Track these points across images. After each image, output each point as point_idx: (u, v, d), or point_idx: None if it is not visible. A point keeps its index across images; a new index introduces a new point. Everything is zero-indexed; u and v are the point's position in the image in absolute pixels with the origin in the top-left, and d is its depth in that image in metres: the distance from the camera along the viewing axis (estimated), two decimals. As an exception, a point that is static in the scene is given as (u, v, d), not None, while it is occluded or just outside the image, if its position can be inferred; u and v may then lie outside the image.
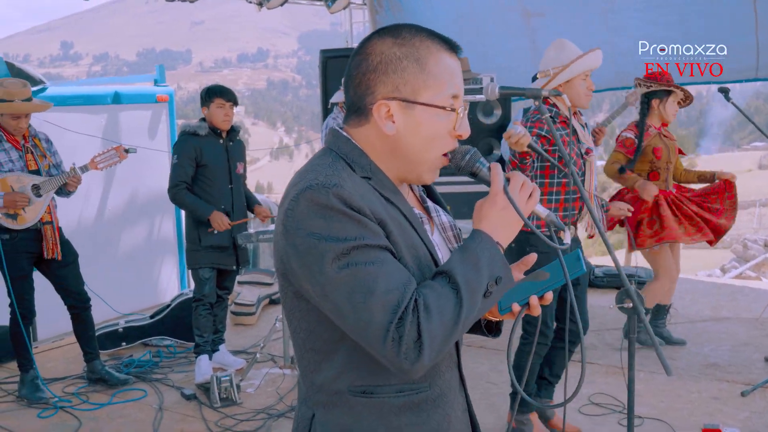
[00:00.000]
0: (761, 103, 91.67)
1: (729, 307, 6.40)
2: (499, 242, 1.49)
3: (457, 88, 1.54)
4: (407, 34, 1.52)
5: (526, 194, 1.53)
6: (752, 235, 26.82)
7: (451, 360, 1.60)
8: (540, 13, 7.91)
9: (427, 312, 1.36)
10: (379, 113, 1.50)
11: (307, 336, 1.53)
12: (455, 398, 1.61)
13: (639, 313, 2.55)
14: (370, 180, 1.50)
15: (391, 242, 1.44)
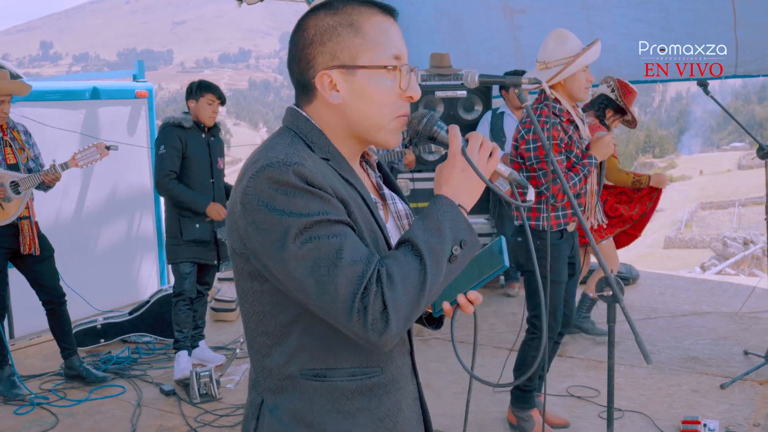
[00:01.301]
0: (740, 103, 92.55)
1: (709, 302, 6.43)
2: (462, 205, 1.45)
3: (397, 48, 1.52)
4: (339, 3, 1.51)
5: (486, 154, 1.50)
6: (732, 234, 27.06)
7: (403, 347, 1.59)
8: (521, 9, 7.93)
9: (390, 281, 1.35)
10: (322, 84, 1.49)
11: (259, 319, 1.51)
12: (407, 385, 1.60)
13: (619, 301, 2.54)
14: (329, 161, 1.49)
15: (352, 220, 1.43)
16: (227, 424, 4.22)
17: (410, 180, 6.75)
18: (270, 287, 1.46)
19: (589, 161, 3.70)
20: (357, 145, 1.57)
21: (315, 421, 1.50)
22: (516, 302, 6.47)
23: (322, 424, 1.50)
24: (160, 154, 4.85)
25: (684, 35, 7.05)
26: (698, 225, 50.79)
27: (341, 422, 1.50)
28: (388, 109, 1.51)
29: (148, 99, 6.95)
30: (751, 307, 6.06)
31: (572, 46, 3.67)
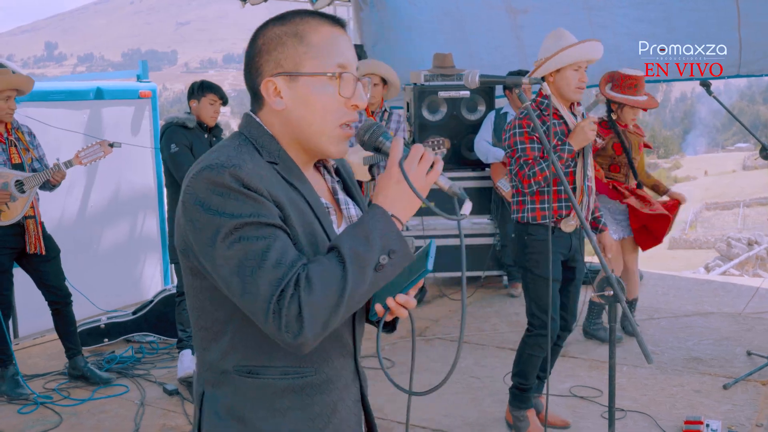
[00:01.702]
0: (745, 104, 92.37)
1: (712, 303, 6.43)
2: (396, 215, 1.47)
3: (343, 56, 1.56)
4: (290, 15, 1.58)
5: (426, 166, 1.50)
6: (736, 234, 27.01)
7: (344, 348, 1.62)
8: (524, 9, 7.93)
9: (309, 285, 1.38)
10: (266, 90, 1.55)
11: (199, 315, 1.56)
12: (346, 387, 1.64)
13: (620, 301, 2.55)
14: (277, 165, 1.53)
15: (288, 225, 1.47)
16: (230, 424, 4.23)
17: (413, 180, 6.75)
18: (208, 284, 1.51)
19: (561, 147, 3.67)
20: (305, 152, 1.60)
21: (246, 416, 1.54)
22: (519, 302, 6.47)
23: (253, 419, 1.54)
24: (174, 152, 4.80)
25: (686, 35, 7.05)
26: (703, 226, 50.69)
27: (271, 419, 1.54)
28: (330, 116, 1.55)
29: (151, 99, 6.96)
30: (754, 307, 6.05)
31: (564, 42, 3.67)
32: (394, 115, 5.96)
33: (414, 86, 6.82)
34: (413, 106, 6.78)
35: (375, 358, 5.20)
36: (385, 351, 5.37)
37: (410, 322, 1.62)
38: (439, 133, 6.83)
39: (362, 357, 4.96)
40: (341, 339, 1.61)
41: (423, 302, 6.61)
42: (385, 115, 5.94)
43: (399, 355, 5.26)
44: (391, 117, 5.94)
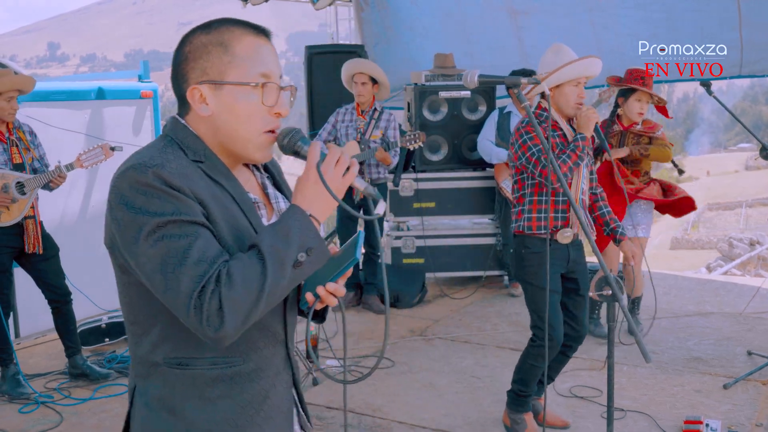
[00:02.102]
0: (748, 104, 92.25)
1: (713, 303, 6.43)
2: (314, 215, 1.55)
3: (267, 66, 1.63)
4: (215, 24, 1.65)
5: (342, 169, 1.58)
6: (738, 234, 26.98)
7: (273, 337, 1.68)
8: (525, 11, 7.93)
9: (229, 281, 1.44)
10: (192, 97, 1.61)
11: (129, 310, 1.62)
12: (277, 375, 1.70)
13: (618, 300, 2.55)
14: (202, 164, 1.59)
15: (211, 221, 1.53)
16: (230, 423, 4.23)
17: (414, 180, 6.77)
18: (135, 280, 1.57)
19: (575, 138, 3.70)
20: (231, 155, 1.66)
21: (177, 407, 1.60)
22: (519, 302, 6.47)
23: (184, 410, 1.60)
24: None
25: (688, 36, 7.06)
26: (705, 226, 50.59)
27: (202, 408, 1.60)
28: (254, 124, 1.62)
29: (153, 99, 6.97)
30: (755, 307, 6.05)
31: (563, 57, 3.67)
32: (385, 113, 6.02)
33: (415, 86, 6.83)
34: (414, 106, 6.78)
35: (377, 358, 5.21)
36: (385, 351, 5.38)
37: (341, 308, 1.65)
38: (440, 133, 6.84)
39: (363, 357, 4.97)
40: (270, 328, 1.67)
41: (424, 302, 6.62)
42: (375, 114, 5.99)
43: (399, 355, 5.28)
44: (381, 116, 5.99)
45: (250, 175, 1.75)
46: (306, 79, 7.30)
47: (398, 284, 6.52)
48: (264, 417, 1.66)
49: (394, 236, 6.84)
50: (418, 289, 6.60)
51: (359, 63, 5.98)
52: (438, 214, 6.90)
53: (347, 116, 6.09)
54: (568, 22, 7.55)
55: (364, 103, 5.97)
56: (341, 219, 6.35)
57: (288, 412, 1.75)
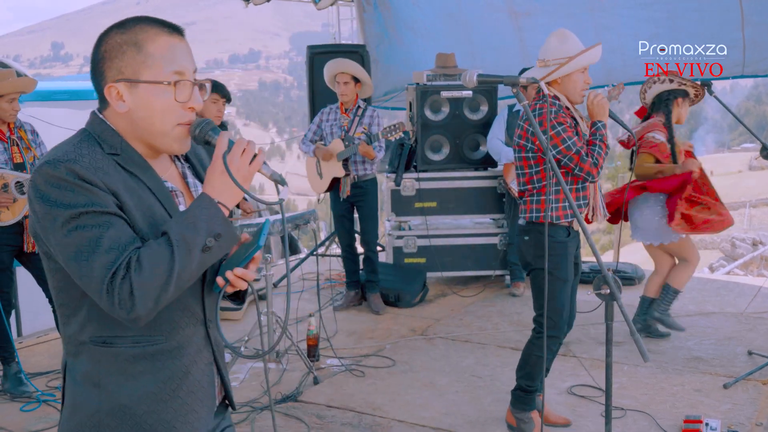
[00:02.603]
0: (752, 104, 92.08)
1: (714, 303, 6.42)
2: (222, 202, 1.66)
3: (180, 64, 1.72)
4: (130, 23, 1.73)
5: (248, 157, 1.68)
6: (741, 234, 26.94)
7: (193, 317, 1.80)
8: (526, 12, 7.94)
9: (139, 267, 1.57)
10: (110, 95, 1.70)
11: (57, 293, 1.73)
12: (198, 353, 1.81)
13: (616, 299, 2.55)
14: (118, 156, 1.70)
15: (125, 211, 1.64)
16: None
17: (415, 180, 6.77)
18: (59, 266, 1.67)
19: (596, 127, 3.74)
20: (150, 147, 1.76)
21: (102, 381, 1.72)
22: (520, 302, 6.48)
23: (108, 384, 1.72)
24: None
25: (690, 35, 7.06)
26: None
27: (125, 383, 1.72)
28: (169, 118, 1.72)
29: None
30: (756, 307, 6.05)
31: (572, 46, 3.69)
32: (368, 110, 6.07)
33: (417, 86, 6.83)
34: (416, 106, 6.79)
35: (378, 357, 5.23)
36: (386, 350, 5.39)
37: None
38: (442, 132, 6.85)
39: (364, 356, 4.97)
40: (190, 309, 1.78)
41: (425, 301, 6.62)
42: (359, 111, 6.04)
43: (400, 354, 5.28)
44: (365, 112, 6.04)
45: (170, 165, 1.86)
46: (308, 78, 7.32)
47: (399, 283, 6.53)
48: (186, 391, 1.78)
49: (395, 236, 6.84)
50: (419, 289, 6.60)
51: (340, 63, 6.02)
52: (439, 214, 6.90)
53: (331, 115, 6.14)
54: (570, 22, 7.54)
55: (347, 101, 6.04)
56: (337, 218, 6.38)
57: (209, 387, 1.86)
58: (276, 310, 5.09)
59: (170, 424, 1.76)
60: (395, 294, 6.45)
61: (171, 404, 1.76)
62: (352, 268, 6.49)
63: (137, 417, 1.73)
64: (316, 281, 5.44)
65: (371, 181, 6.23)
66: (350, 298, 6.50)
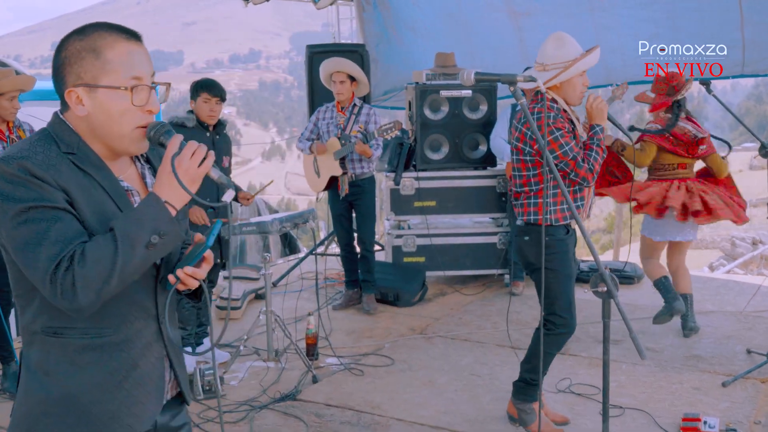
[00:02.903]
0: (752, 104, 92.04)
1: (713, 301, 6.43)
2: (169, 202, 1.73)
3: (137, 69, 1.80)
4: (89, 29, 1.80)
5: (198, 160, 1.75)
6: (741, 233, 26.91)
7: (144, 312, 1.87)
8: (526, 12, 7.94)
9: (83, 259, 1.65)
10: (70, 99, 1.78)
11: (14, 284, 1.81)
12: (148, 347, 1.89)
13: (613, 297, 2.56)
14: (74, 155, 1.77)
15: (75, 207, 1.72)
16: (230, 420, 4.26)
17: (415, 179, 6.78)
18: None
19: (594, 132, 3.76)
20: (109, 148, 1.84)
21: (51, 370, 1.80)
22: (520, 301, 6.48)
23: (57, 373, 1.79)
24: None
25: (690, 35, 7.07)
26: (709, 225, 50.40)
27: (72, 372, 1.79)
28: (127, 122, 1.80)
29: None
30: (755, 306, 6.05)
31: (570, 50, 3.68)
32: (365, 108, 6.08)
33: (416, 85, 6.84)
34: (415, 105, 6.80)
35: (377, 356, 5.24)
36: (385, 349, 5.40)
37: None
38: (441, 132, 6.85)
39: (363, 355, 4.98)
40: (141, 303, 1.86)
41: (424, 300, 6.63)
42: (355, 110, 6.05)
43: (398, 353, 5.29)
44: (361, 110, 6.05)
45: (130, 166, 1.93)
46: (307, 78, 7.32)
47: (399, 283, 6.54)
48: (133, 383, 1.85)
49: (395, 235, 6.85)
50: (419, 288, 6.61)
51: (336, 62, 6.03)
52: (439, 213, 6.91)
53: (328, 114, 6.15)
54: (570, 22, 7.56)
55: (343, 100, 6.05)
56: (335, 217, 6.39)
57: (158, 380, 1.93)
58: (275, 309, 5.09)
59: (115, 414, 1.83)
60: (394, 293, 6.46)
61: (117, 395, 1.83)
62: (351, 267, 6.49)
63: (83, 406, 1.80)
64: (315, 280, 5.44)
65: (369, 180, 6.23)
66: (349, 297, 6.51)
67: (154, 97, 1.83)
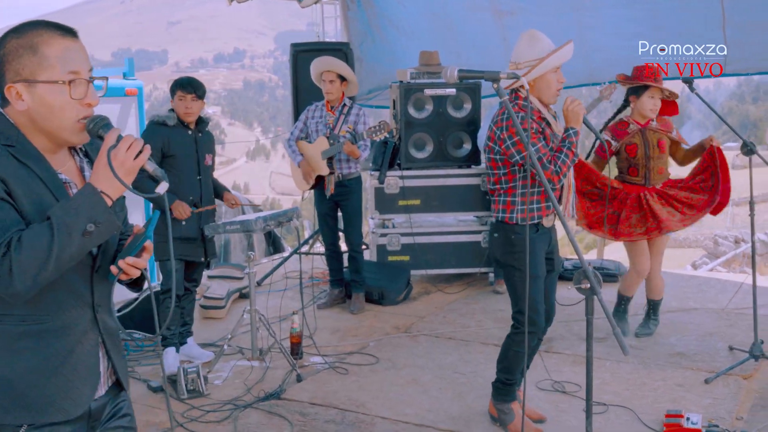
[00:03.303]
0: (735, 103, 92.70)
1: (696, 299, 6.47)
2: (105, 192, 1.80)
3: (74, 64, 1.88)
4: (26, 28, 1.89)
5: (134, 152, 1.83)
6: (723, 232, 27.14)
7: (80, 300, 1.94)
8: (510, 11, 7.96)
9: (19, 245, 1.72)
10: (10, 95, 1.86)
11: None
12: (84, 334, 1.96)
13: (597, 293, 2.57)
14: (13, 148, 1.84)
15: (13, 198, 1.79)
16: (214, 420, 4.24)
17: (399, 178, 6.78)
18: None
19: (567, 134, 3.74)
20: (50, 141, 1.91)
21: None
22: (504, 299, 6.45)
23: None
24: None
25: (673, 34, 7.10)
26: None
27: (9, 358, 1.85)
28: (67, 114, 1.88)
29: (138, 97, 6.96)
30: (737, 303, 6.08)
31: (543, 47, 3.68)
32: (354, 108, 6.07)
33: (400, 84, 6.84)
34: (399, 104, 6.79)
35: (362, 354, 5.23)
36: (370, 348, 5.40)
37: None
38: (425, 130, 6.85)
39: (347, 354, 4.97)
40: (77, 292, 1.93)
41: (409, 299, 6.63)
42: (344, 109, 6.04)
43: (383, 352, 5.29)
44: (351, 110, 6.04)
45: (69, 159, 2.01)
46: (292, 77, 7.31)
47: (383, 281, 6.53)
48: (69, 369, 1.92)
49: (379, 233, 6.84)
50: (403, 287, 6.61)
51: (326, 61, 6.02)
52: (423, 212, 6.91)
53: (317, 113, 6.13)
54: (554, 21, 7.58)
55: (333, 99, 6.04)
56: (320, 216, 6.37)
57: (94, 367, 2.00)
58: (259, 308, 5.07)
59: (51, 399, 1.90)
60: (379, 292, 6.45)
61: (53, 380, 1.89)
62: (335, 266, 6.48)
63: (19, 390, 1.86)
64: (299, 279, 5.43)
65: (356, 180, 6.22)
66: (334, 296, 6.50)
67: (93, 90, 1.92)
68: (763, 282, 6.51)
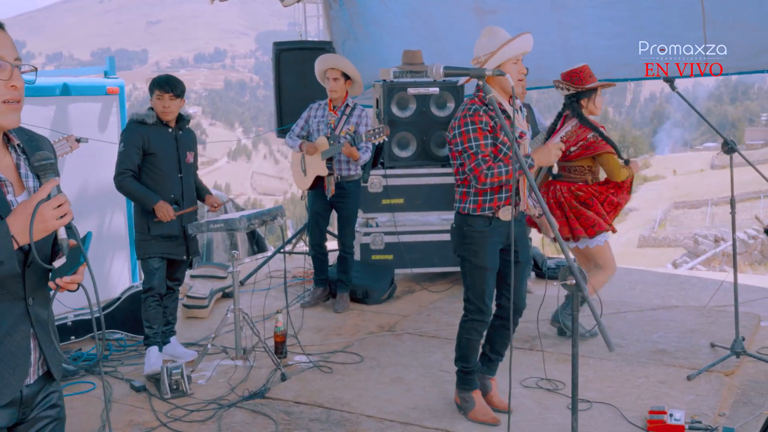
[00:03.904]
0: (713, 104, 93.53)
1: (677, 297, 6.51)
2: (15, 236, 1.87)
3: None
4: None
5: (59, 213, 1.91)
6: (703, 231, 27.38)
7: (11, 294, 2.01)
8: (492, 10, 7.97)
9: None
10: None
11: None
12: (14, 326, 2.02)
13: (582, 290, 2.58)
14: None
15: None
16: (198, 419, 4.22)
17: (383, 177, 6.78)
18: None
19: (525, 159, 3.81)
20: None
21: None
22: (488, 298, 6.50)
23: None
24: (120, 151, 4.86)
25: (653, 34, 7.13)
26: (672, 224, 51.17)
27: None
28: None
29: (119, 95, 6.90)
30: (718, 301, 6.14)
31: (499, 39, 3.78)
32: (357, 109, 6.03)
33: (383, 83, 6.83)
34: (382, 103, 6.79)
35: (346, 353, 5.22)
36: (354, 346, 5.39)
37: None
38: (409, 129, 6.86)
39: (332, 353, 4.95)
40: (9, 287, 1.99)
41: (393, 298, 6.63)
42: (347, 110, 6.00)
43: (367, 351, 5.29)
44: (353, 111, 6.01)
45: (5, 155, 2.07)
46: (274, 76, 7.29)
47: (367, 280, 6.53)
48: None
49: (363, 233, 6.84)
50: (387, 286, 6.60)
51: (331, 59, 5.99)
52: (406, 210, 6.91)
53: (319, 111, 6.09)
54: (534, 21, 7.60)
55: (336, 98, 5.99)
56: (313, 215, 6.35)
57: (24, 357, 2.05)
58: (243, 307, 5.05)
59: None
60: (363, 291, 6.45)
61: None
62: (320, 266, 6.47)
63: None
64: (283, 278, 5.41)
65: (354, 183, 6.19)
66: (318, 295, 6.48)
67: (18, 74, 2.00)
68: (743, 280, 6.56)
